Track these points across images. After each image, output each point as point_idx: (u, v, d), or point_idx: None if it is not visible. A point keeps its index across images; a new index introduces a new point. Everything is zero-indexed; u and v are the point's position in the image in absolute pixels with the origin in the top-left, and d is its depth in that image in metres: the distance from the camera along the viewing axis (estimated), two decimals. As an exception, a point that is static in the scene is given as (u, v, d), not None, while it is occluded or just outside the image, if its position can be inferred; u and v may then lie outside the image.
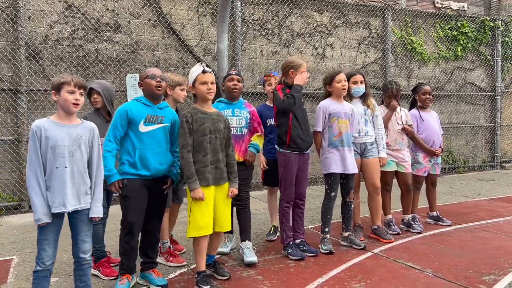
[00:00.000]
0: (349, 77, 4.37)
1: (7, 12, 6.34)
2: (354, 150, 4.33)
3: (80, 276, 2.87)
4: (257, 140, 4.10)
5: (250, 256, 3.89)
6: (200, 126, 3.29)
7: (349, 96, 4.43)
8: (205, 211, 3.24)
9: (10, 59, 6.40)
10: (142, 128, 3.27)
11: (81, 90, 2.76)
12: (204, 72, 3.33)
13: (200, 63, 3.43)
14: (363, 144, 4.43)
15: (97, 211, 2.84)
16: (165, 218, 3.99)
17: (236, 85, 4.05)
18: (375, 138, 4.49)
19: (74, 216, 2.79)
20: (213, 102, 3.75)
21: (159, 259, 3.98)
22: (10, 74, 6.42)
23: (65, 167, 2.69)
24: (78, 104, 2.75)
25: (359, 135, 4.40)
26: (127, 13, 7.09)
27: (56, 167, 2.68)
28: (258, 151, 4.08)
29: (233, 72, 4.15)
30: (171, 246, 4.05)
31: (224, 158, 3.41)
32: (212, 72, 3.41)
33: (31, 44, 6.51)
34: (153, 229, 3.47)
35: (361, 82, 4.42)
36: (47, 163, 2.68)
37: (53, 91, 2.76)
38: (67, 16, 6.72)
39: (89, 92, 3.79)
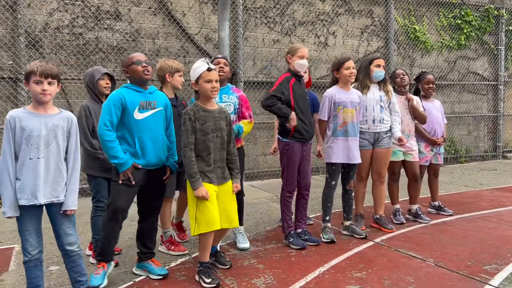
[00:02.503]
0: (371, 60, 4.34)
1: (6, 0, 6.27)
2: (367, 140, 4.29)
3: (72, 267, 2.84)
4: (244, 126, 3.89)
5: (243, 242, 4.00)
6: (203, 125, 3.21)
7: (369, 80, 4.36)
8: (212, 206, 3.18)
9: (10, 47, 6.35)
10: (138, 115, 3.17)
11: (49, 79, 2.62)
12: (209, 69, 3.21)
13: (203, 58, 3.29)
14: (377, 133, 4.37)
15: (71, 204, 2.73)
16: (167, 208, 3.99)
17: (223, 67, 3.92)
18: (391, 125, 4.44)
19: (51, 209, 2.72)
20: None
21: (161, 248, 3.99)
22: (10, 62, 6.38)
23: (38, 158, 2.61)
24: (46, 94, 2.62)
25: (374, 123, 4.34)
26: (128, 1, 7.02)
27: (30, 158, 2.60)
28: (238, 132, 3.83)
29: (219, 56, 4.06)
30: (172, 234, 4.05)
31: (226, 156, 3.36)
32: (216, 70, 3.31)
33: (31, 32, 6.45)
34: (152, 219, 3.43)
35: (383, 67, 4.38)
36: (20, 154, 2.60)
37: (24, 81, 2.67)
38: (67, 3, 6.65)
39: (99, 78, 3.66)
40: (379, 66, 4.35)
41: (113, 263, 3.36)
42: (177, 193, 4.24)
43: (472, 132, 10.28)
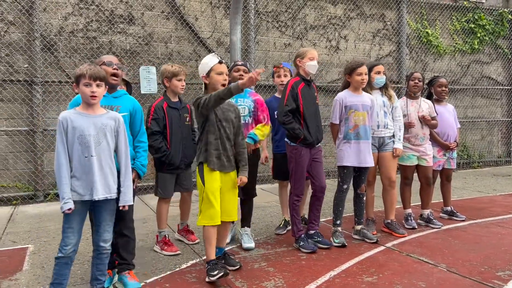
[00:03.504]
0: (371, 67, 4.33)
1: (23, 4, 6.39)
2: (372, 144, 4.28)
3: (98, 264, 2.92)
4: (257, 131, 4.00)
5: (248, 242, 4.07)
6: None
7: (370, 87, 4.37)
8: (215, 202, 3.27)
9: (26, 50, 6.46)
10: None
11: (98, 82, 2.75)
12: (220, 62, 3.35)
13: (213, 53, 3.44)
14: (381, 138, 4.38)
15: (128, 200, 2.90)
16: (163, 208, 4.06)
17: (242, 75, 4.04)
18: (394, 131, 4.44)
19: (100, 205, 2.83)
20: None
21: (155, 248, 4.04)
22: (25, 66, 6.49)
23: (92, 156, 2.73)
24: (95, 96, 2.76)
25: (378, 128, 4.35)
26: (141, 5, 7.10)
27: (85, 156, 2.73)
28: (255, 142, 3.98)
29: (239, 63, 4.20)
30: (167, 235, 4.09)
31: (232, 148, 3.43)
32: (226, 63, 3.42)
33: (46, 35, 6.56)
34: (123, 229, 3.20)
35: (384, 73, 4.37)
36: (75, 152, 2.73)
37: (74, 84, 2.80)
38: (82, 8, 6.75)
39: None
40: (379, 72, 4.35)
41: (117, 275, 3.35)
42: (177, 195, 4.28)
43: (486, 137, 10.16)
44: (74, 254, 2.82)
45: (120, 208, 2.89)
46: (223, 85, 3.33)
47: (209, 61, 3.37)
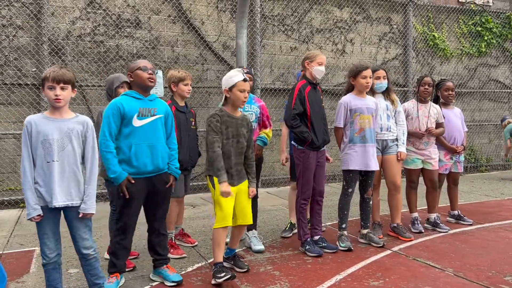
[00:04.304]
0: (372, 72, 4.32)
1: (31, 8, 6.46)
2: (376, 147, 4.27)
3: (89, 270, 2.87)
4: (265, 134, 4.25)
5: (258, 245, 4.10)
6: (226, 129, 3.37)
7: (372, 92, 4.37)
8: (226, 204, 3.32)
9: (34, 54, 6.53)
10: (136, 122, 3.15)
11: (61, 84, 2.65)
12: (245, 80, 3.37)
13: (239, 69, 3.49)
14: (384, 141, 4.38)
15: (88, 208, 2.74)
16: (173, 208, 4.06)
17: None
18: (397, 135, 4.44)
19: (67, 213, 2.75)
20: None
21: None
22: (33, 69, 6.55)
23: (53, 161, 2.66)
24: (59, 99, 2.66)
25: (381, 131, 4.34)
26: (148, 9, 7.15)
27: (47, 162, 2.65)
28: (265, 144, 4.24)
29: (245, 70, 4.18)
30: (173, 238, 4.10)
31: (243, 160, 3.51)
32: (250, 81, 3.46)
33: (54, 40, 6.62)
34: (158, 227, 3.42)
35: (384, 78, 4.37)
36: (38, 157, 2.66)
37: (41, 87, 2.73)
38: (89, 12, 6.81)
39: (118, 86, 3.71)
40: (379, 78, 4.35)
41: (123, 279, 3.38)
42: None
43: (493, 141, 10.09)
44: (59, 257, 2.78)
45: (80, 215, 2.74)
46: (243, 102, 3.41)
47: (234, 76, 3.36)
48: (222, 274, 3.25)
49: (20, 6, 6.45)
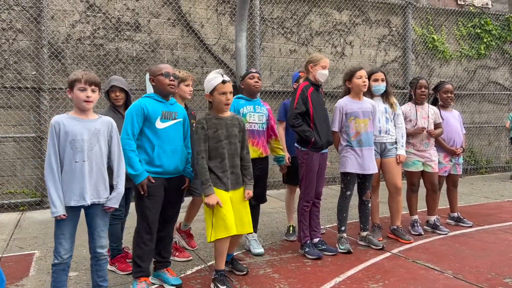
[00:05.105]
0: (369, 75, 4.32)
1: (31, 12, 6.48)
2: (374, 150, 4.27)
3: (98, 271, 2.92)
4: (279, 151, 4.32)
5: (258, 248, 4.07)
6: (215, 132, 3.26)
7: (370, 94, 4.38)
8: (227, 212, 3.22)
9: (34, 58, 6.54)
10: (159, 125, 3.24)
11: (93, 87, 2.76)
12: (224, 82, 3.23)
13: (218, 70, 3.33)
14: (383, 144, 4.38)
15: (115, 203, 2.86)
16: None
17: (257, 82, 4.15)
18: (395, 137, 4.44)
19: (91, 211, 2.82)
20: None
21: None
22: (33, 73, 6.57)
23: (84, 161, 2.73)
24: (89, 101, 2.76)
25: (380, 134, 4.34)
26: (147, 13, 7.17)
27: (76, 161, 2.72)
28: (283, 161, 4.36)
29: (254, 71, 4.27)
30: (177, 241, 4.10)
31: (239, 162, 3.40)
32: (230, 81, 3.32)
33: (54, 43, 6.64)
34: (168, 230, 3.45)
35: (382, 80, 4.36)
36: (66, 157, 2.72)
37: (68, 89, 2.80)
38: (89, 15, 6.83)
39: (109, 90, 3.74)
40: (376, 80, 4.35)
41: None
42: (187, 199, 4.28)
43: (493, 143, 10.10)
44: (70, 259, 2.81)
45: (105, 208, 2.85)
46: (226, 104, 3.28)
47: (213, 79, 3.25)
48: (224, 286, 3.21)
49: (20, 9, 6.47)
